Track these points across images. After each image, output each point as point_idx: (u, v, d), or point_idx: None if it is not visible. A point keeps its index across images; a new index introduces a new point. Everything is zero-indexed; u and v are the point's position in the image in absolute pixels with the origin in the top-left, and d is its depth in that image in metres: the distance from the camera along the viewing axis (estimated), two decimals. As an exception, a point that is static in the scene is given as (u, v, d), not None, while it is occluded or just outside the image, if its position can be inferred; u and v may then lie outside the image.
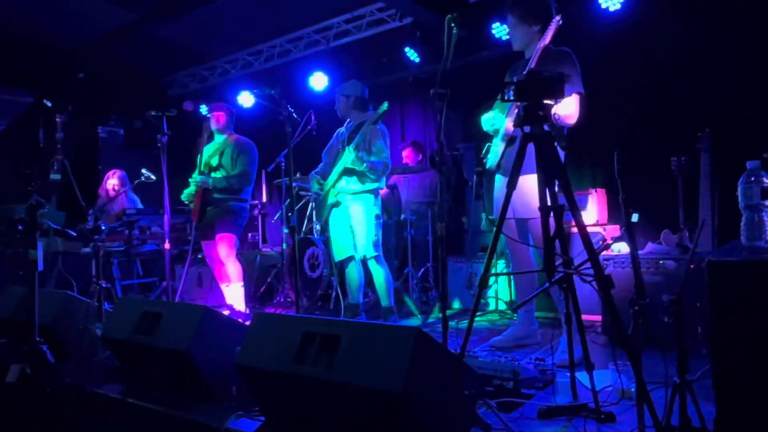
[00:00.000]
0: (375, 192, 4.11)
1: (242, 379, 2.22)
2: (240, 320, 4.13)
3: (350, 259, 4.13)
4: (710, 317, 1.77)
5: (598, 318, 3.60)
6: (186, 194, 4.47)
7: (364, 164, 3.90)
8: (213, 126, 4.54)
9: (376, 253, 4.04)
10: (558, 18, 2.84)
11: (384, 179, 4.20)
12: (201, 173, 4.42)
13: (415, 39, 5.62)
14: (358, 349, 1.87)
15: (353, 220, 4.06)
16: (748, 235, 1.93)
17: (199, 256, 4.82)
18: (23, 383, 2.64)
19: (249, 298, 4.83)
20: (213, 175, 4.38)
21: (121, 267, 5.19)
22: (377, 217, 4.09)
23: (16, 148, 6.11)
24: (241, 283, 4.39)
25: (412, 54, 5.71)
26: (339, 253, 4.16)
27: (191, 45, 6.61)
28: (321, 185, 4.19)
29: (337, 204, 4.10)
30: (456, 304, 4.85)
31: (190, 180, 4.47)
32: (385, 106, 3.92)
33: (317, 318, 2.15)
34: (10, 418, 2.90)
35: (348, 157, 3.91)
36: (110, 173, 5.85)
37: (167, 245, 3.83)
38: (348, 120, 4.26)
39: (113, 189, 5.71)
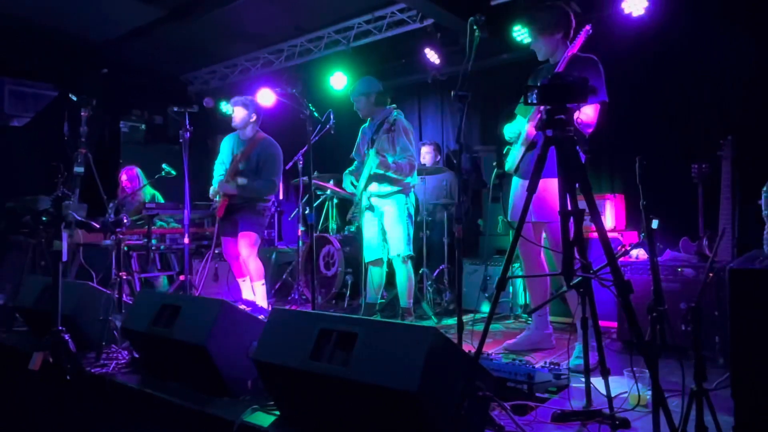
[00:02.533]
0: (406, 189, 4.11)
1: (258, 373, 2.24)
2: (261, 316, 4.18)
3: (379, 261, 4.16)
4: (731, 325, 1.76)
5: (614, 324, 3.57)
6: (213, 191, 4.49)
7: (389, 170, 3.93)
8: (233, 122, 4.51)
9: (410, 252, 4.06)
10: (588, 28, 2.84)
11: (416, 175, 4.18)
12: (227, 181, 4.40)
13: (435, 40, 5.63)
14: (375, 348, 1.89)
15: (386, 221, 4.08)
16: (770, 244, 1.92)
17: (216, 251, 4.87)
18: (45, 371, 2.69)
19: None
20: (238, 180, 4.35)
21: (140, 260, 5.26)
22: (409, 216, 4.10)
23: (40, 140, 6.22)
24: (263, 281, 4.42)
25: (431, 56, 5.72)
26: (369, 255, 4.19)
27: (212, 43, 6.68)
28: (354, 186, 4.21)
29: (370, 208, 4.13)
30: (471, 306, 4.84)
31: (214, 173, 4.50)
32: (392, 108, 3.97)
33: (334, 315, 2.17)
34: (32, 404, 2.96)
35: (372, 162, 3.92)
36: (123, 170, 5.94)
37: (186, 240, 3.87)
38: (370, 118, 4.26)
39: (125, 185, 5.80)
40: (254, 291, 4.42)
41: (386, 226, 4.09)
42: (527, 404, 2.27)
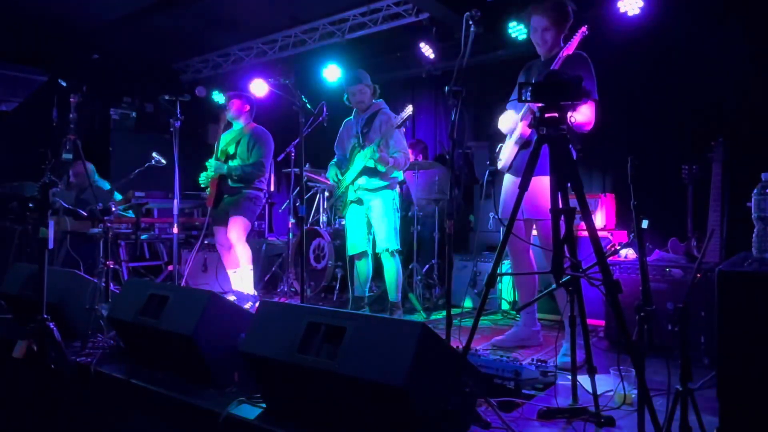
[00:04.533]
0: (392, 184, 4.12)
1: (245, 365, 2.23)
2: (249, 303, 4.18)
3: (363, 254, 4.16)
4: (718, 326, 1.77)
5: (601, 323, 3.59)
6: (203, 178, 4.50)
7: (388, 165, 3.93)
8: (229, 114, 4.57)
9: (398, 247, 4.08)
10: (584, 29, 2.83)
11: (401, 171, 4.20)
12: (217, 159, 4.45)
13: (430, 35, 5.61)
14: (363, 342, 1.88)
15: (374, 215, 4.08)
16: (759, 246, 1.93)
17: (206, 242, 4.84)
18: (29, 359, 2.66)
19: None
20: (229, 163, 4.42)
21: (128, 249, 5.22)
22: (396, 210, 4.14)
23: (28, 125, 6.14)
24: (251, 266, 4.45)
25: (426, 50, 5.69)
26: (353, 248, 4.19)
27: (206, 31, 6.61)
28: (339, 180, 4.19)
29: (358, 201, 4.12)
30: (460, 302, 4.85)
31: (207, 164, 4.49)
32: (410, 110, 3.93)
33: (323, 309, 2.16)
34: (15, 393, 2.93)
35: (368, 155, 3.90)
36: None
37: (175, 230, 3.84)
38: (357, 110, 4.24)
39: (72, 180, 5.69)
40: (242, 276, 4.42)
41: (373, 220, 4.09)
42: (513, 401, 2.27)
